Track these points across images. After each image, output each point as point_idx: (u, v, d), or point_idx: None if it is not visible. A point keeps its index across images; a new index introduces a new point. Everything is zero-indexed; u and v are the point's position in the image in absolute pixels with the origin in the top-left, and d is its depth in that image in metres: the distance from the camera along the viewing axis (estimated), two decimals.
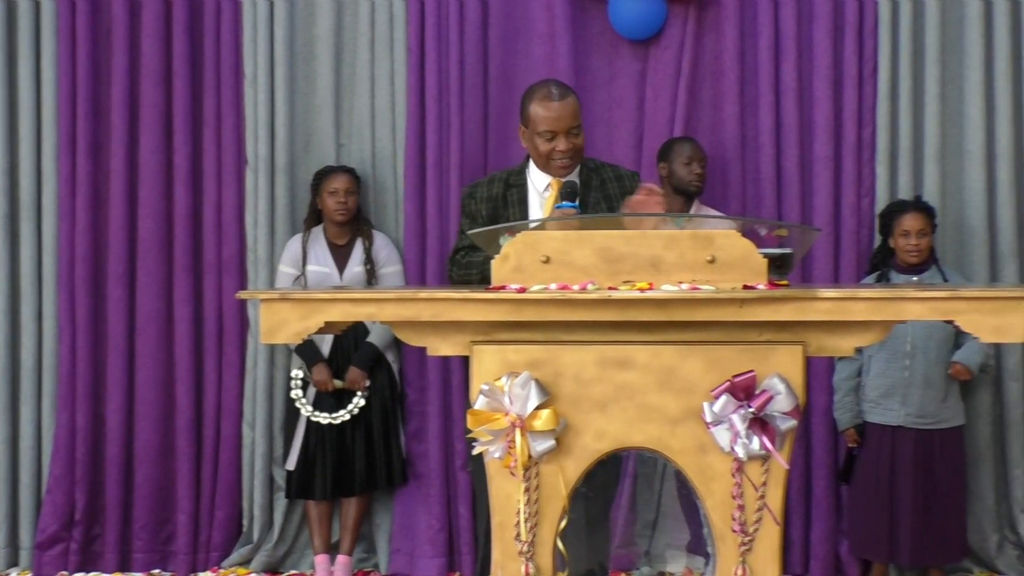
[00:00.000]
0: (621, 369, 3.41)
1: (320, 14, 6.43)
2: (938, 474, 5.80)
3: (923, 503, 5.77)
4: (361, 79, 6.43)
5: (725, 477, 3.39)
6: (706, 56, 6.33)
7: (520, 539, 3.42)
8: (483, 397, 3.40)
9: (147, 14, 6.36)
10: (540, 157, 4.53)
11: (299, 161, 6.43)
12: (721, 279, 3.32)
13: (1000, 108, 6.15)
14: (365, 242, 6.20)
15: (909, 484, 5.77)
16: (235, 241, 6.40)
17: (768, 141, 6.21)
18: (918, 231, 5.81)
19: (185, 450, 6.41)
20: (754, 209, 6.24)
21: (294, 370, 6.18)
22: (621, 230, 3.47)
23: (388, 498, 6.43)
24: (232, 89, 6.40)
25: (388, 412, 6.23)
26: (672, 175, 6.03)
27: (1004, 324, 3.29)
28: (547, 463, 3.43)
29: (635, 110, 6.39)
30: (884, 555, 5.89)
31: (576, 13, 6.33)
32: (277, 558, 6.42)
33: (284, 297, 3.46)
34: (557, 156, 4.49)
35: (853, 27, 6.18)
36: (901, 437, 5.81)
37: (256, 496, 6.39)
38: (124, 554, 6.45)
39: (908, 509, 5.76)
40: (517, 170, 4.68)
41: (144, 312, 6.41)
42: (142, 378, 6.43)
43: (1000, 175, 6.15)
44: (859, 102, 6.21)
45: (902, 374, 5.80)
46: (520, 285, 3.36)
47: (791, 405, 3.36)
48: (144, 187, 6.40)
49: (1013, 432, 6.16)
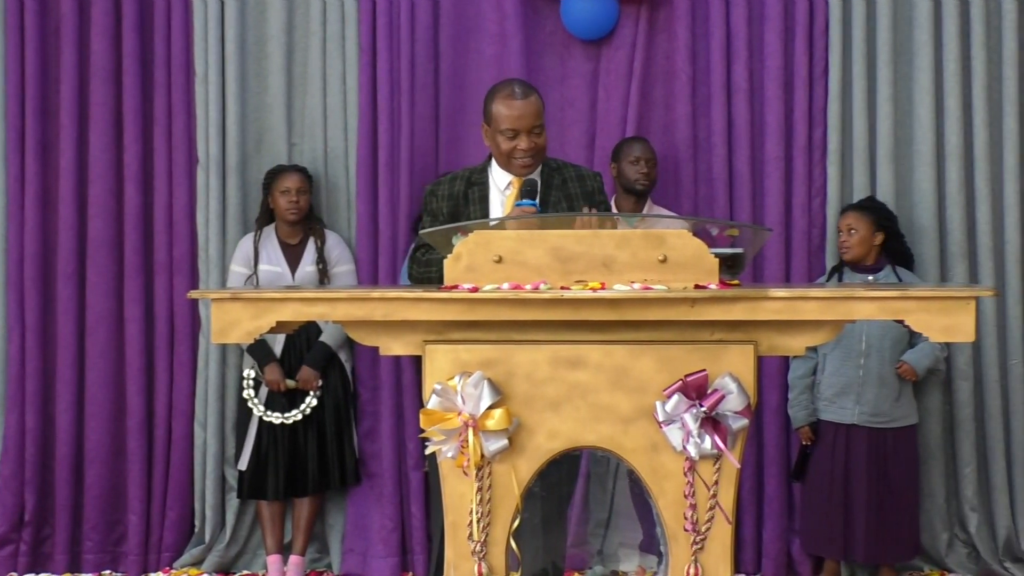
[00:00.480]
0: (574, 368, 3.41)
1: (271, 12, 6.41)
2: (891, 472, 5.84)
3: (876, 501, 5.81)
4: (313, 78, 6.41)
5: (677, 476, 3.40)
6: (658, 57, 6.35)
7: (473, 539, 3.42)
8: (436, 397, 3.40)
9: (96, 12, 6.32)
10: (502, 155, 4.53)
11: (251, 160, 6.40)
12: (673, 279, 3.33)
13: (949, 109, 6.19)
14: (317, 241, 6.19)
15: (862, 482, 5.80)
16: (186, 240, 6.37)
17: (720, 141, 6.24)
18: (847, 228, 5.90)
19: (136, 450, 6.37)
20: (706, 209, 6.26)
21: (246, 370, 6.15)
22: (574, 230, 3.47)
23: (341, 498, 6.41)
24: (183, 88, 6.37)
25: (341, 412, 6.22)
26: (621, 175, 6.05)
27: (953, 324, 3.31)
28: (500, 463, 3.43)
29: (587, 110, 6.40)
30: (837, 552, 5.92)
31: (528, 13, 6.33)
32: (229, 558, 6.40)
33: (235, 297, 3.44)
34: (519, 155, 4.49)
35: (804, 28, 6.22)
36: (855, 435, 5.85)
37: (208, 496, 6.36)
38: (74, 555, 6.41)
39: (862, 507, 5.80)
40: (479, 168, 4.68)
41: (94, 312, 6.37)
42: (92, 378, 6.39)
43: (949, 175, 6.20)
44: (810, 103, 6.24)
45: (856, 373, 5.83)
46: (473, 285, 3.36)
47: (743, 404, 3.37)
48: (94, 186, 6.36)
49: (963, 431, 6.21)
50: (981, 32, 6.18)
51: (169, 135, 6.39)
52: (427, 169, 6.27)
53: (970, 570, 6.19)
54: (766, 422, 6.22)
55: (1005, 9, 6.18)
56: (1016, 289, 6.19)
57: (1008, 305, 6.20)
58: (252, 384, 6.14)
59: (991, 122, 6.22)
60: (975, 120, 6.20)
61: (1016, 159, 6.19)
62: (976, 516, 6.21)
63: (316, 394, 6.11)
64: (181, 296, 6.33)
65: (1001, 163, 6.23)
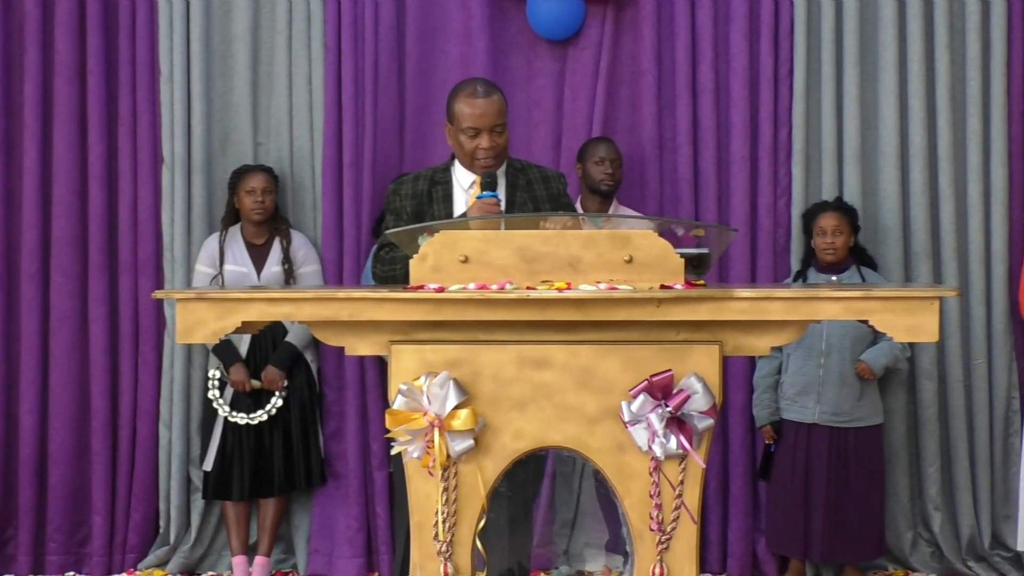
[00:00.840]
0: (539, 369, 3.42)
1: (237, 12, 6.38)
2: (853, 472, 5.86)
3: (835, 500, 5.83)
4: (279, 77, 6.39)
5: (643, 476, 3.41)
6: (624, 57, 6.35)
7: (439, 539, 3.42)
8: (402, 397, 3.40)
9: (60, 10, 6.29)
10: (464, 155, 4.53)
11: (216, 160, 6.38)
12: (638, 279, 3.34)
13: (914, 110, 6.22)
14: (283, 241, 6.17)
15: (822, 481, 5.83)
16: (151, 240, 6.34)
17: (685, 141, 6.25)
18: (833, 229, 5.88)
19: (100, 451, 6.34)
20: (672, 209, 6.27)
21: (211, 370, 6.13)
22: (539, 230, 3.47)
23: (306, 498, 6.40)
24: (148, 87, 6.34)
25: (307, 412, 6.20)
26: (586, 175, 6.06)
27: (916, 324, 3.32)
28: (465, 463, 3.43)
29: (554, 110, 6.40)
30: (799, 551, 5.95)
31: (494, 13, 6.33)
32: (194, 559, 6.37)
33: (200, 297, 3.43)
34: (481, 154, 4.49)
35: (769, 29, 6.23)
36: (815, 435, 5.87)
37: (173, 497, 6.33)
38: (38, 556, 6.37)
39: (820, 506, 5.82)
40: (443, 167, 4.68)
41: (58, 312, 6.34)
42: (56, 378, 6.35)
43: (913, 176, 6.22)
44: (775, 103, 6.26)
45: (817, 372, 5.86)
46: (439, 285, 3.36)
47: (708, 404, 3.38)
48: (58, 185, 6.33)
49: (927, 430, 6.24)
50: (944, 34, 6.21)
51: (134, 134, 6.36)
52: (392, 169, 6.26)
53: (934, 569, 6.22)
54: (732, 422, 6.23)
55: (968, 11, 6.22)
56: (979, 289, 6.23)
57: (971, 305, 6.24)
58: (217, 385, 6.11)
59: (955, 123, 6.25)
60: (939, 121, 6.23)
61: (979, 160, 6.23)
62: (940, 515, 6.24)
63: (282, 395, 6.09)
64: (146, 296, 6.30)
65: (965, 164, 6.27)
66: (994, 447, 6.30)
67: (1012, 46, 6.25)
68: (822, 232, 5.90)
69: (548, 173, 4.71)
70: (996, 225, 6.25)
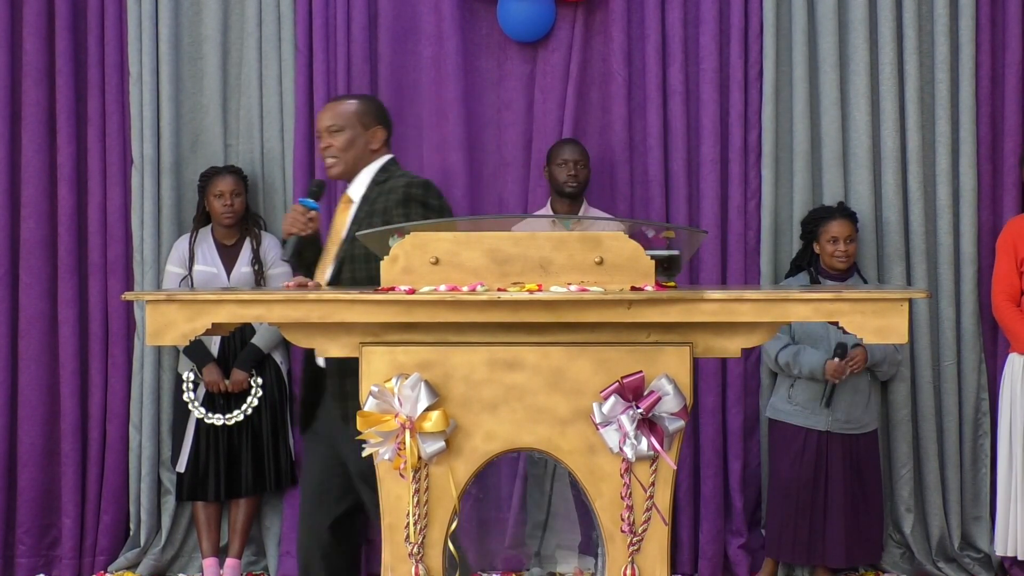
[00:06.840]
0: (511, 370, 3.41)
1: (207, 13, 6.37)
2: (864, 477, 5.93)
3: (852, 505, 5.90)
4: (249, 79, 6.38)
5: (614, 478, 3.41)
6: (594, 59, 6.37)
7: (410, 540, 3.42)
8: (373, 399, 3.39)
9: (29, 11, 6.27)
10: None
11: (186, 161, 6.36)
12: (609, 280, 3.33)
13: (885, 112, 6.25)
14: (253, 242, 6.16)
15: (839, 488, 5.88)
16: (121, 242, 6.33)
17: (656, 143, 6.26)
18: (846, 237, 5.89)
19: (70, 453, 6.32)
20: (642, 211, 6.28)
21: (185, 372, 6.11)
22: (509, 232, 3.47)
23: (277, 500, 6.39)
24: (117, 88, 6.32)
25: (277, 414, 6.19)
26: (552, 177, 6.07)
27: (886, 325, 3.33)
28: (437, 464, 3.42)
29: (524, 112, 6.41)
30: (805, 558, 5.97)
31: (464, 14, 6.33)
32: (165, 562, 6.36)
33: (170, 298, 3.42)
34: (323, 155, 4.70)
35: (739, 31, 6.25)
36: (830, 442, 5.88)
37: (143, 499, 6.31)
38: (7, 559, 6.35)
39: (839, 512, 5.88)
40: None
41: (27, 314, 6.31)
42: (25, 380, 6.33)
43: (886, 178, 6.25)
44: (745, 105, 6.28)
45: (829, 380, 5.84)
46: (409, 286, 3.35)
47: (679, 406, 3.38)
48: (27, 187, 6.31)
49: (899, 432, 6.27)
50: (914, 36, 6.24)
51: (103, 136, 6.34)
52: None
53: (904, 570, 6.24)
54: (703, 423, 6.25)
55: (937, 14, 6.24)
56: (949, 291, 6.26)
57: (941, 307, 6.27)
58: (191, 387, 6.10)
59: (924, 125, 6.29)
60: (908, 123, 6.26)
61: (948, 162, 6.26)
62: (911, 517, 6.26)
63: (257, 395, 6.08)
64: (115, 298, 6.29)
65: (934, 166, 6.30)
66: (963, 448, 6.34)
67: (980, 48, 6.29)
68: (834, 240, 5.90)
69: (401, 183, 4.62)
70: (965, 227, 6.28)
